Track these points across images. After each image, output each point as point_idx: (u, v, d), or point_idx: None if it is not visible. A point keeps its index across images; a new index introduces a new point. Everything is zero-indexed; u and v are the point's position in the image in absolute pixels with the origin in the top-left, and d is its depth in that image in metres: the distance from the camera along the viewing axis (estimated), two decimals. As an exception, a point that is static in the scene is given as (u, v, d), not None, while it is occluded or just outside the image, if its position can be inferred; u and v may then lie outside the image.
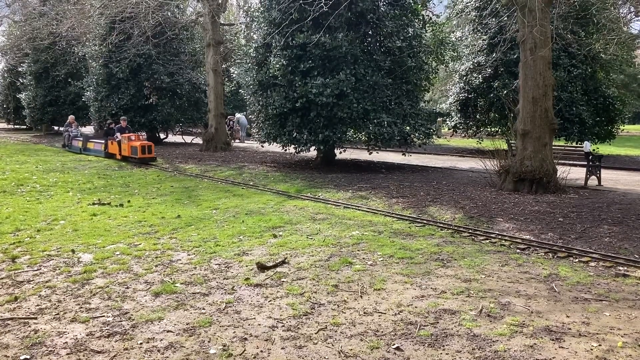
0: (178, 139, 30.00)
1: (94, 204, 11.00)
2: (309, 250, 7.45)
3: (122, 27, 22.73)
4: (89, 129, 36.14)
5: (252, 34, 17.95)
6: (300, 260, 6.99)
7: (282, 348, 4.43)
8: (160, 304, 5.44)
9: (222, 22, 26.07)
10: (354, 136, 18.41)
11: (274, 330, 4.79)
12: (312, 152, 19.39)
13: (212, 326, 4.88)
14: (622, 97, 25.72)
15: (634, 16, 20.80)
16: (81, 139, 24.49)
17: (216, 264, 6.85)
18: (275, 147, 19.46)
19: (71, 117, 26.51)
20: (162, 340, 4.59)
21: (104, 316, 5.09)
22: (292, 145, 17.54)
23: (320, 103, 15.40)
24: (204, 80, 26.12)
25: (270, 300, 5.53)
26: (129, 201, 11.35)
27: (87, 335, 4.67)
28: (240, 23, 25.57)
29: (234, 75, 19.90)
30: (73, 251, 7.38)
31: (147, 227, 9.05)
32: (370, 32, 17.40)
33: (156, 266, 6.77)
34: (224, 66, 26.02)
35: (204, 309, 5.32)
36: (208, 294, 5.74)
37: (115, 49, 24.97)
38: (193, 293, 5.77)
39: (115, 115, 24.67)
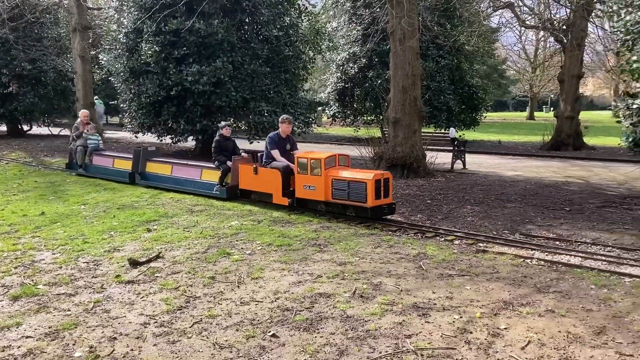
0: (45, 130, 27.82)
1: (-59, 203, 9.93)
2: (185, 243, 7.25)
3: (-28, 8, 20.59)
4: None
5: (122, 19, 16.99)
6: (175, 254, 6.79)
7: (154, 345, 4.28)
8: (19, 309, 5.02)
9: (90, 5, 24.51)
10: (234, 125, 18.21)
11: (145, 327, 4.61)
12: (192, 142, 18.90)
13: (78, 328, 4.59)
14: (485, 86, 27.77)
15: (492, 11, 22.47)
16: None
17: (84, 262, 6.46)
18: (150, 138, 18.72)
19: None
20: (19, 347, 4.25)
21: (-49, 327, 4.61)
22: (169, 136, 16.98)
23: (197, 91, 15.03)
24: (71, 68, 24.43)
25: (142, 297, 5.31)
26: (-16, 199, 10.37)
27: None
28: (109, 7, 24.13)
29: (103, 62, 18.78)
30: None
31: (5, 226, 8.33)
32: (247, 20, 17.23)
33: (16, 268, 6.25)
34: (92, 52, 24.49)
35: (69, 310, 4.99)
36: (74, 294, 5.40)
37: (-35, 33, 22.59)
38: (57, 294, 5.39)
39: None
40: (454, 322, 4.65)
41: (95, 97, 26.17)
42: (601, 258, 6.58)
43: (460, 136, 20.13)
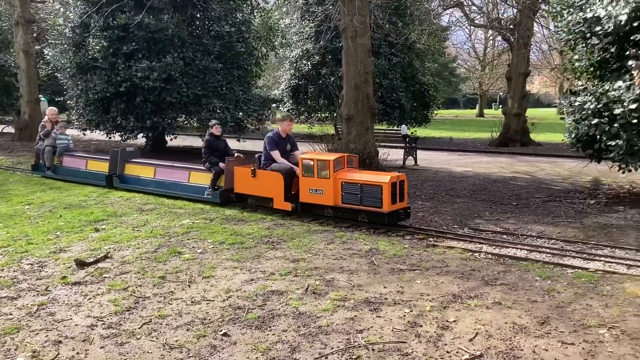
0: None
1: None
2: (134, 243, 7.10)
3: None
4: None
5: (68, 12, 16.45)
6: (124, 253, 6.63)
7: (101, 347, 4.17)
8: (-44, 314, 4.81)
9: (33, -2, 23.66)
10: (186, 122, 17.94)
11: (93, 329, 4.49)
12: (142, 139, 18.51)
13: (20, 332, 4.43)
14: (436, 84, 28.26)
15: (442, 10, 22.86)
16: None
17: (28, 264, 6.24)
18: (99, 135, 18.23)
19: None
20: (-43, 354, 4.07)
21: None
22: (118, 133, 16.58)
23: (147, 87, 14.74)
24: (14, 63, 23.52)
25: (89, 299, 5.17)
26: None
27: None
28: (54, 1, 23.33)
29: (49, 57, 18.15)
30: None
31: (-58, 228, 7.96)
32: (198, 15, 17.01)
33: (-47, 272, 5.98)
34: (37, 47, 23.67)
35: (11, 314, 4.81)
36: (17, 298, 5.20)
37: None
38: (-2, 298, 5.19)
39: None
40: (404, 316, 4.72)
41: (40, 94, 25.28)
42: (546, 250, 6.81)
43: (412, 133, 20.45)
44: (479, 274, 5.91)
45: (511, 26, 21.21)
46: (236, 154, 10.11)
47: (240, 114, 17.11)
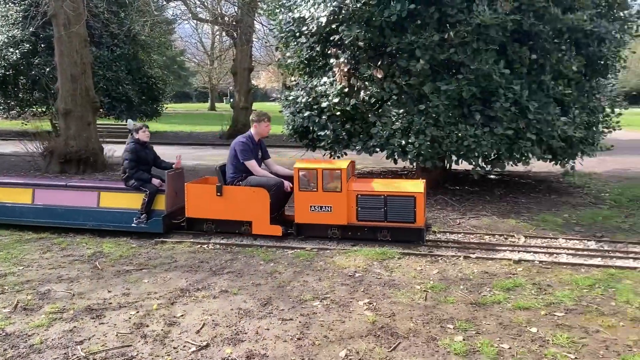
0: None
1: None
2: None
3: None
4: None
5: None
6: None
7: None
8: None
9: None
10: None
11: None
12: None
13: None
14: (164, 77, 27.81)
15: (165, 2, 22.55)
16: None
17: None
18: None
19: None
20: None
21: None
22: None
23: None
24: None
25: None
26: None
27: None
28: None
29: None
30: None
31: None
32: None
33: None
34: None
35: None
36: None
37: None
38: None
39: None
40: (130, 318, 4.54)
41: None
42: (269, 237, 7.21)
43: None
44: (207, 265, 6.01)
45: (234, 22, 21.97)
46: (174, 164, 7.75)
47: None
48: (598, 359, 3.80)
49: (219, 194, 7.01)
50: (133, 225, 7.22)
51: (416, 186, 6.81)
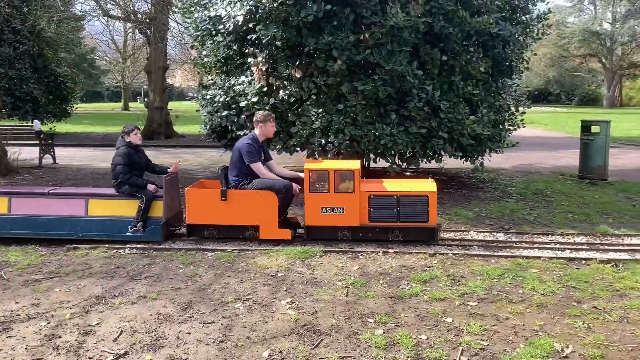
0: None
1: None
2: None
3: None
4: None
5: None
6: None
7: None
8: None
9: None
10: None
11: None
12: None
13: None
14: (73, 76, 26.50)
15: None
16: None
17: None
18: None
19: None
20: None
21: None
22: None
23: None
24: None
25: None
26: None
27: None
28: None
29: None
30: None
31: None
32: None
33: None
34: None
35: None
36: None
37: None
38: None
39: None
40: (40, 330, 4.31)
41: None
42: (187, 240, 7.07)
43: (50, 129, 18.79)
44: (124, 270, 5.82)
45: (147, 20, 21.31)
46: (171, 169, 7.25)
47: None
48: (508, 344, 4.04)
49: (223, 198, 6.75)
50: (128, 234, 6.83)
51: (428, 185, 6.80)
